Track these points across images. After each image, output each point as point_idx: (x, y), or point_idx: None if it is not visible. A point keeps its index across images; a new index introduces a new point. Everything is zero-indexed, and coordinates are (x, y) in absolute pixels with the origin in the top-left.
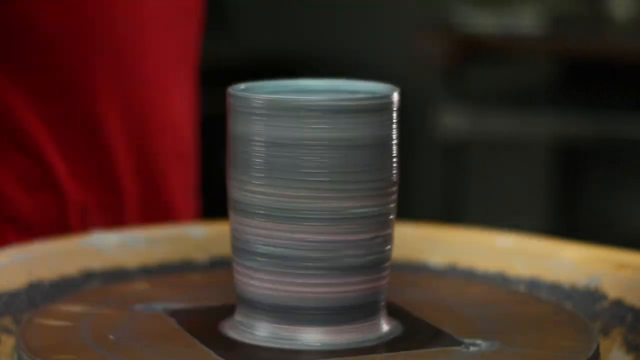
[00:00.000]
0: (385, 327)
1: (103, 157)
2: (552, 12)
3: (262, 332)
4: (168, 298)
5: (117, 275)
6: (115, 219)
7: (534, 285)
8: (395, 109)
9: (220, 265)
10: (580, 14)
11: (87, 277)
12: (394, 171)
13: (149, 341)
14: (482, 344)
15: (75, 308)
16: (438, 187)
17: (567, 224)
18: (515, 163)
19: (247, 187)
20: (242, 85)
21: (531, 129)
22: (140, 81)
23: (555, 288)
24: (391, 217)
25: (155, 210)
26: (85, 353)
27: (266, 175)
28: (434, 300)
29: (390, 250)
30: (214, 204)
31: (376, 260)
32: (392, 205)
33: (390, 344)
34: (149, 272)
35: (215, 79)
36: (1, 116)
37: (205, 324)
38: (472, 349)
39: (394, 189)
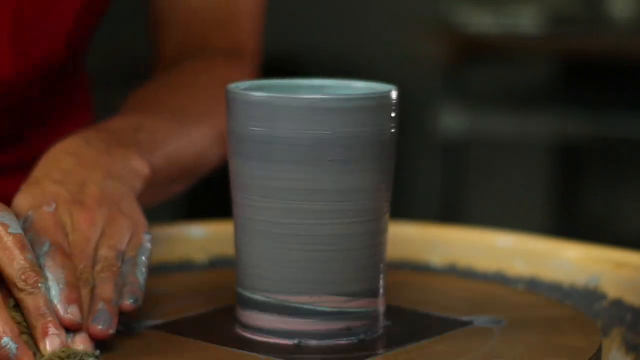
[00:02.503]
0: (382, 327)
1: None
2: (552, 12)
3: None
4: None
5: None
6: None
7: (533, 284)
8: (394, 107)
9: (219, 265)
10: (580, 14)
11: None
12: (393, 168)
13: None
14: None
15: None
16: (438, 187)
17: (567, 224)
18: (515, 163)
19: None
20: (242, 85)
21: (531, 129)
22: None
23: (555, 288)
24: (387, 212)
25: None
26: None
27: (266, 173)
28: (434, 300)
29: (386, 244)
30: (214, 203)
31: (374, 252)
32: (388, 202)
33: (384, 345)
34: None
35: None
36: None
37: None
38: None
39: (391, 185)
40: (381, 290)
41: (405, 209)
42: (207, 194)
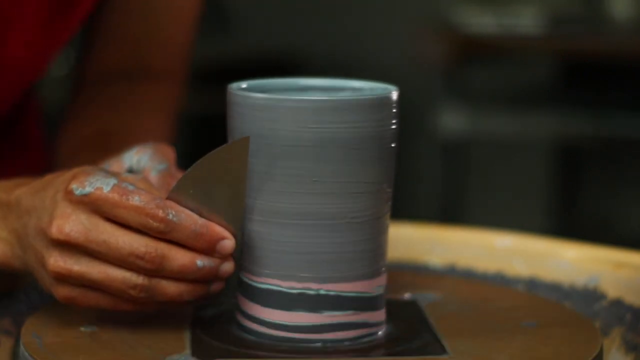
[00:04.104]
0: (383, 326)
1: None
2: (552, 12)
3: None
4: None
5: None
6: None
7: (533, 285)
8: (394, 106)
9: None
10: (580, 14)
11: None
12: (393, 168)
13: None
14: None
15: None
16: (438, 187)
17: (567, 224)
18: (515, 163)
19: (248, 186)
20: (243, 84)
21: (531, 129)
22: None
23: (554, 288)
24: (387, 212)
25: None
26: None
27: (267, 173)
28: (433, 300)
29: (386, 244)
30: None
31: (374, 251)
32: (388, 202)
33: (385, 345)
34: None
35: (215, 79)
36: None
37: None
38: None
39: (391, 185)
40: (382, 291)
41: (405, 209)
42: None
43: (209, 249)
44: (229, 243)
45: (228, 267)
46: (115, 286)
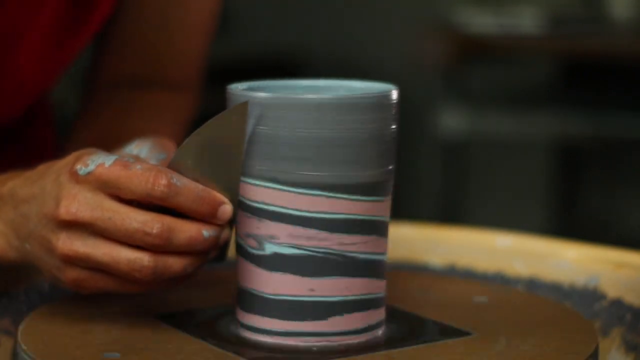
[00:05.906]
0: (386, 325)
1: None
2: (552, 12)
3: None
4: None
5: None
6: None
7: (533, 285)
8: (394, 106)
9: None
10: (580, 14)
11: None
12: (393, 167)
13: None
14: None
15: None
16: (438, 187)
17: (567, 224)
18: (515, 163)
19: (247, 186)
20: (242, 85)
21: (531, 129)
22: None
23: (554, 288)
24: (387, 213)
25: None
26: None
27: (266, 173)
28: (434, 300)
29: (386, 245)
30: None
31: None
32: (389, 202)
33: (394, 341)
34: None
35: (215, 79)
36: None
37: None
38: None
39: (392, 185)
40: (382, 293)
41: (405, 209)
42: None
43: (211, 213)
44: (228, 208)
45: (226, 234)
46: (121, 268)
